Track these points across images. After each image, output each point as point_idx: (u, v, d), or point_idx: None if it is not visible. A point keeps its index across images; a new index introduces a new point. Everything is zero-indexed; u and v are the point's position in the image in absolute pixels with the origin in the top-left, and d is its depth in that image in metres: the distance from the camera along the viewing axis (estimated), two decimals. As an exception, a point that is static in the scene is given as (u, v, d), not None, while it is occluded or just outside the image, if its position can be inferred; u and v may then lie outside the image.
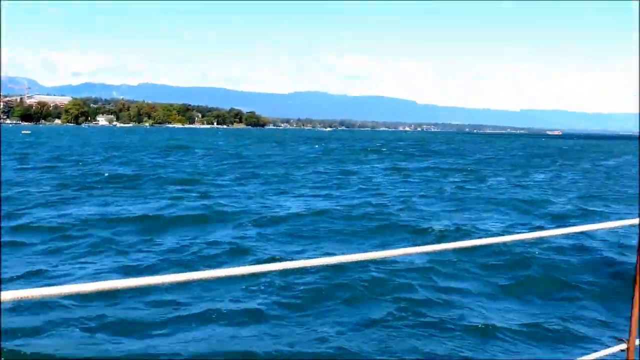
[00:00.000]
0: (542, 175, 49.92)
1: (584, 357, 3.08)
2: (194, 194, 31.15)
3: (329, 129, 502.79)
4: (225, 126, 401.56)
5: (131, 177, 40.75)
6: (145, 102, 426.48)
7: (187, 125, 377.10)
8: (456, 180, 44.11)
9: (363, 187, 38.86)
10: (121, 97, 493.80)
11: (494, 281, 14.69)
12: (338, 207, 26.44)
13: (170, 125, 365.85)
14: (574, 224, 20.66)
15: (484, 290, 13.95)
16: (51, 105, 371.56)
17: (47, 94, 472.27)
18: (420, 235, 20.80)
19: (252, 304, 12.35)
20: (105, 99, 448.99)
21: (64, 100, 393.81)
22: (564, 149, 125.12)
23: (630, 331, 2.81)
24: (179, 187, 34.88)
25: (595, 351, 3.09)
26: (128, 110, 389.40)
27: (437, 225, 22.23)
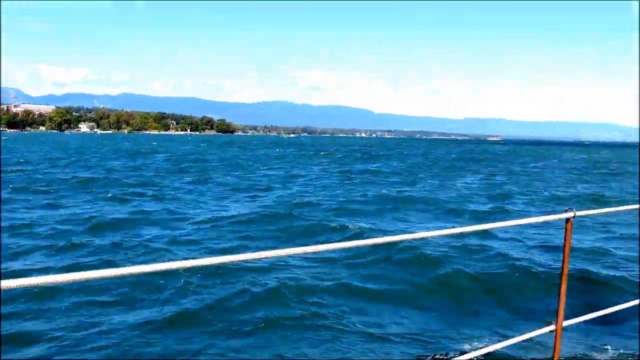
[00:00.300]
0: (471, 178, 49.29)
1: (516, 338, 3.00)
2: (136, 197, 29.19)
3: (292, 135, 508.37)
4: (197, 133, 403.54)
5: (84, 180, 38.47)
6: (124, 110, 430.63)
7: (162, 132, 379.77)
8: (392, 181, 43.15)
9: (300, 187, 37.40)
10: (102, 106, 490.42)
11: (420, 274, 13.84)
12: (259, 209, 24.95)
13: (147, 132, 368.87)
14: (492, 221, 20.53)
15: (401, 288, 12.98)
16: (36, 113, 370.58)
17: (33, 103, 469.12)
18: (335, 232, 19.53)
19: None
20: (87, 108, 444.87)
21: (48, 109, 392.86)
22: (499, 153, 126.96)
23: (557, 314, 2.86)
24: (127, 190, 32.62)
25: (528, 332, 3.02)
26: (108, 118, 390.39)
27: (353, 224, 20.98)
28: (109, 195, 29.27)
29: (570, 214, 2.80)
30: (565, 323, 3.00)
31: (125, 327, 9.77)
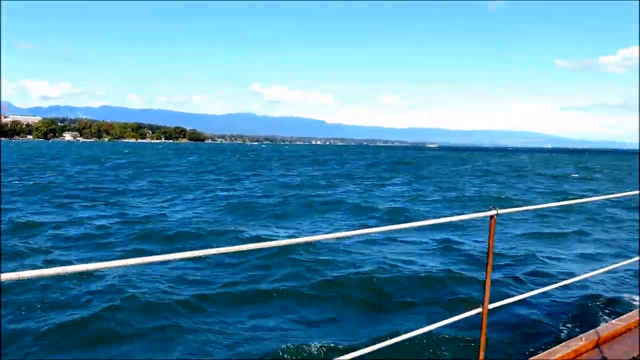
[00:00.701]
0: (399, 179, 48.70)
1: (446, 320, 2.93)
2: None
3: (255, 143, 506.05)
4: (171, 141, 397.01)
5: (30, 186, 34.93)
6: (105, 121, 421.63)
7: (139, 140, 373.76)
8: (321, 184, 41.59)
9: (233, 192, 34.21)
10: (84, 117, 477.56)
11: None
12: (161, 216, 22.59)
13: (125, 140, 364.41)
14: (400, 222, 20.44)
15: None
16: (24, 123, 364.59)
17: (21, 115, 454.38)
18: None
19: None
20: (71, 119, 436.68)
21: (35, 119, 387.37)
22: (433, 157, 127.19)
23: (484, 298, 2.86)
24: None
25: (457, 315, 2.98)
26: (90, 127, 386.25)
27: (250, 231, 19.00)
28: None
29: (493, 212, 2.81)
30: (491, 306, 2.99)
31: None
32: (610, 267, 4.59)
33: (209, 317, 9.59)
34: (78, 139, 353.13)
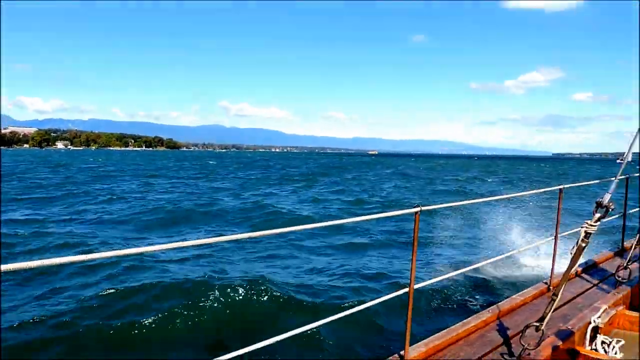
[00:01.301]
0: (326, 179, 47.08)
1: (379, 299, 2.94)
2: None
3: (224, 150, 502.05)
4: (151, 148, 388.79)
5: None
6: (93, 132, 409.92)
7: (123, 148, 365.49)
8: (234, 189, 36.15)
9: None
10: (75, 128, 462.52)
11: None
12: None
13: (111, 148, 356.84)
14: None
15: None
16: (21, 134, 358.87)
17: (18, 126, 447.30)
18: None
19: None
20: (63, 130, 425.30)
21: (31, 130, 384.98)
22: (364, 162, 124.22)
23: (410, 280, 2.86)
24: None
25: (389, 293, 2.98)
26: (79, 137, 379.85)
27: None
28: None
29: (418, 209, 2.78)
30: (416, 286, 2.98)
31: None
32: (523, 249, 4.66)
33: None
34: (69, 147, 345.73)
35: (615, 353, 3.40)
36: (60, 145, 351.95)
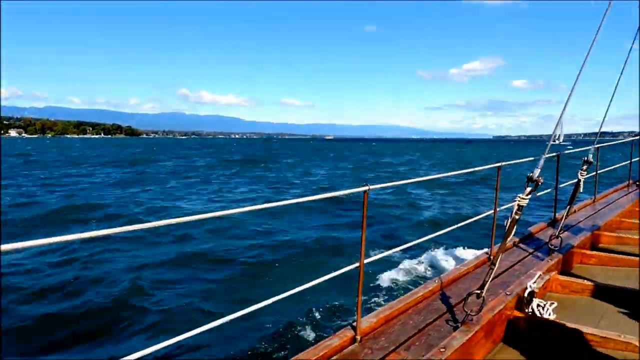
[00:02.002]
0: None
1: (327, 276, 2.88)
2: None
3: (184, 137, 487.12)
4: (109, 136, 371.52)
5: None
6: (49, 119, 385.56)
7: (80, 136, 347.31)
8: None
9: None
10: (30, 116, 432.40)
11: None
12: None
13: (68, 136, 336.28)
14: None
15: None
16: None
17: None
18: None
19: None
20: (17, 117, 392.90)
21: None
22: (314, 147, 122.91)
23: (360, 255, 2.84)
24: None
25: (340, 269, 2.93)
26: (34, 125, 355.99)
27: None
28: None
29: (366, 188, 2.74)
30: (366, 261, 2.95)
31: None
32: (464, 223, 4.71)
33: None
34: (23, 135, 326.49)
35: (549, 314, 3.52)
36: (13, 133, 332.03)
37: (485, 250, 4.69)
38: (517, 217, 3.08)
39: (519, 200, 3.07)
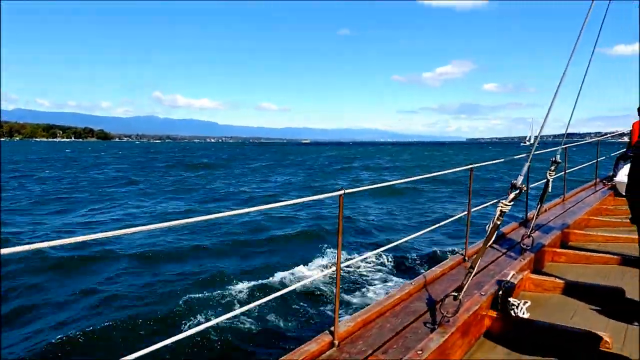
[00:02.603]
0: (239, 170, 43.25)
1: (310, 279, 3.14)
2: None
3: (159, 141, 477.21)
4: (80, 139, 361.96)
5: None
6: (17, 122, 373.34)
7: (50, 139, 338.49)
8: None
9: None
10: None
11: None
12: None
13: (37, 139, 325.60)
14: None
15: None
16: None
17: None
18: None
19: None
20: None
21: None
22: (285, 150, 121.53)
23: (337, 259, 2.82)
24: None
25: (319, 273, 3.02)
26: (1, 127, 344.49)
27: None
28: None
29: (341, 192, 2.75)
30: (343, 265, 2.96)
31: None
32: (438, 225, 4.75)
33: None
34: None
35: (523, 313, 3.58)
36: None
37: (460, 251, 4.74)
38: (498, 222, 3.10)
39: (502, 207, 3.08)
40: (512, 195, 3.10)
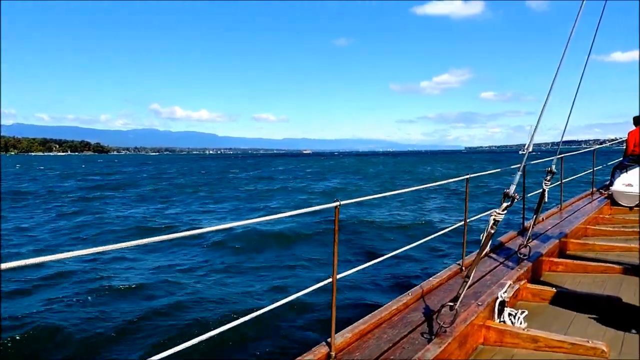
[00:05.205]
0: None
1: (300, 292, 2.94)
2: None
3: (157, 153, 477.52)
4: (77, 153, 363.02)
5: None
6: (14, 137, 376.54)
7: (46, 153, 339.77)
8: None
9: None
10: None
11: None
12: None
13: (33, 154, 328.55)
14: None
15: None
16: None
17: None
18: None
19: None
20: None
21: None
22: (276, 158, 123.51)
23: (333, 270, 2.83)
24: None
25: (315, 284, 2.98)
26: None
27: None
28: None
29: (337, 203, 2.75)
30: (339, 276, 2.95)
31: None
32: (435, 235, 4.76)
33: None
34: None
35: (520, 323, 3.59)
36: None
37: (457, 261, 4.76)
38: (492, 231, 3.13)
39: (495, 216, 3.11)
40: (504, 205, 3.13)
